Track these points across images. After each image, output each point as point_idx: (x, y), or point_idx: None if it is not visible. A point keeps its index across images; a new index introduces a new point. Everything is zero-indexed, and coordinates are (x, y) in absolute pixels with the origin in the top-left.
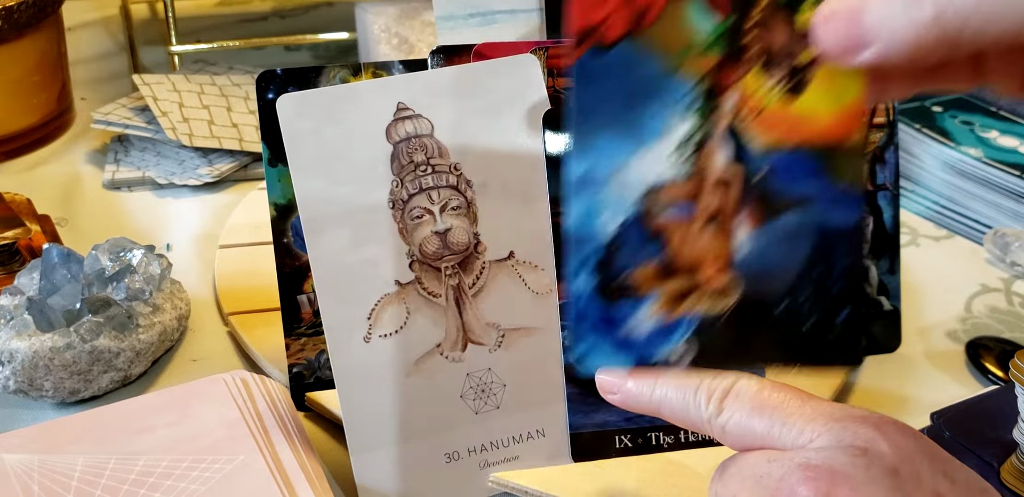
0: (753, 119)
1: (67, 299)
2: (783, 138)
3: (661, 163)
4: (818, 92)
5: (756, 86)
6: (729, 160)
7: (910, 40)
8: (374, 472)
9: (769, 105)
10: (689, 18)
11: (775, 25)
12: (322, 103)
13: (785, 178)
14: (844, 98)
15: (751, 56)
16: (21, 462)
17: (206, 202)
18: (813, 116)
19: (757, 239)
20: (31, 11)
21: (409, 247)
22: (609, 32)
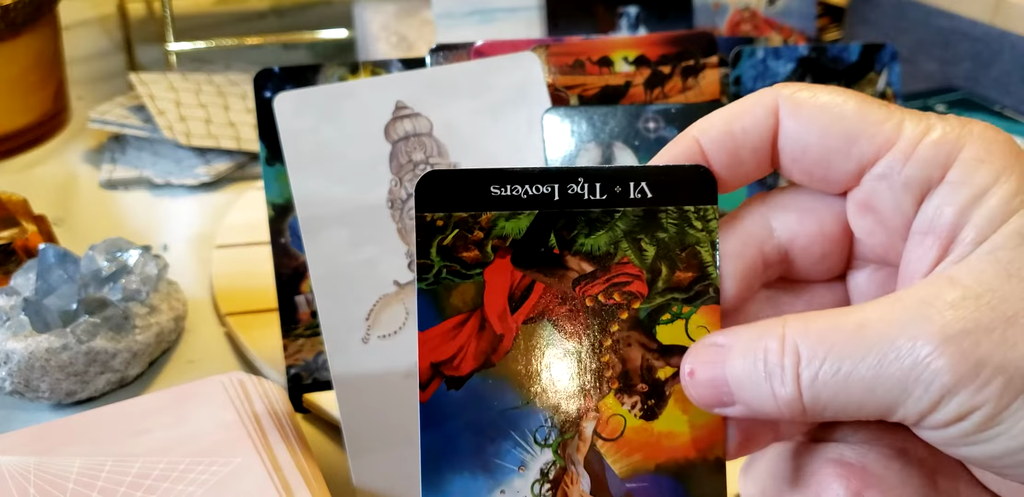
0: (613, 443)
1: (63, 300)
2: (643, 461)
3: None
4: (676, 411)
5: (615, 409)
6: (589, 490)
7: (771, 412)
8: (372, 474)
9: (628, 427)
10: (543, 345)
11: (632, 344)
12: (320, 101)
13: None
14: (704, 416)
15: (609, 378)
16: (17, 464)
17: (203, 202)
18: (672, 435)
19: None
20: (27, 10)
21: (408, 247)
22: (461, 366)
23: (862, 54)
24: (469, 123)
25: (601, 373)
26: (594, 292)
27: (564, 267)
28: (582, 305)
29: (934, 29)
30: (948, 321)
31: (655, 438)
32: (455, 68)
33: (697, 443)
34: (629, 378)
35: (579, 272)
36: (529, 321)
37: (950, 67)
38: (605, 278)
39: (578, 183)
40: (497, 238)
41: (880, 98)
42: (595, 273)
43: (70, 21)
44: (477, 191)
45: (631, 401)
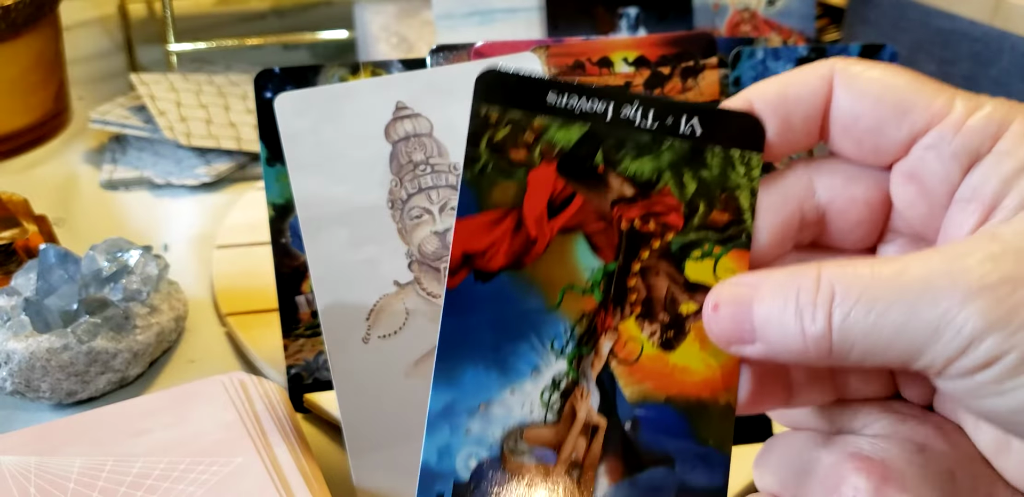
0: (627, 366)
1: (64, 300)
2: (654, 390)
3: (528, 404)
4: (694, 347)
5: (634, 333)
6: (598, 407)
7: (795, 349)
8: (373, 474)
9: (645, 354)
10: (575, 256)
11: (660, 273)
12: (320, 102)
13: (651, 432)
14: (720, 357)
15: (633, 302)
16: (18, 464)
17: (204, 202)
18: (686, 371)
19: (617, 493)
20: (28, 10)
21: (408, 247)
22: (491, 262)
23: (861, 55)
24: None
25: (626, 295)
26: (631, 216)
27: (606, 185)
28: (617, 226)
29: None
30: (987, 271)
31: (669, 370)
32: (455, 69)
33: (710, 384)
34: (652, 306)
35: (619, 194)
36: (564, 231)
37: (949, 67)
38: (644, 204)
39: (633, 106)
40: (546, 144)
41: None
42: (635, 198)
43: (71, 21)
44: (534, 96)
45: (651, 328)
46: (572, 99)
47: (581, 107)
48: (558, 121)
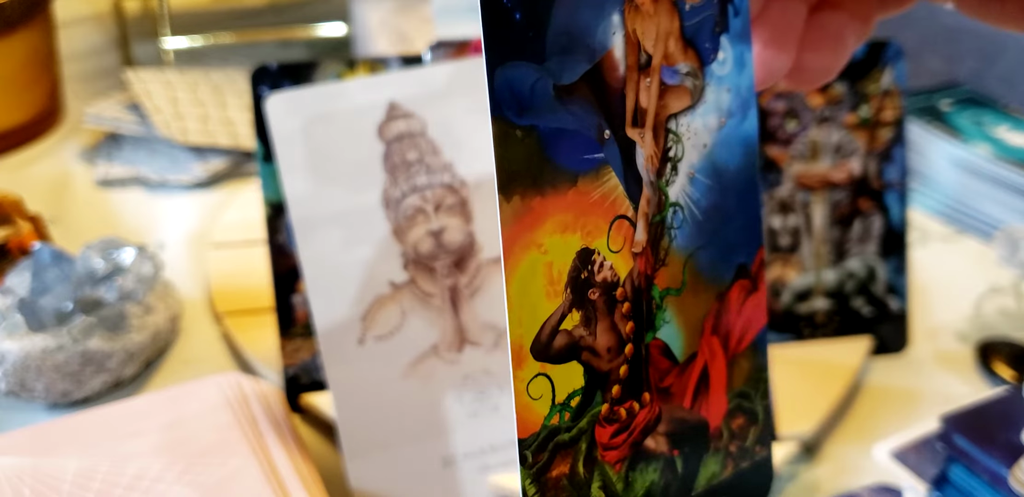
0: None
1: (58, 299)
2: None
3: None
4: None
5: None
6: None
7: None
8: (369, 476)
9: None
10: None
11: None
12: (312, 102)
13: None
14: None
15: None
16: (12, 465)
17: (199, 200)
18: None
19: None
20: (22, 6)
21: (403, 247)
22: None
23: (867, 51)
24: (463, 122)
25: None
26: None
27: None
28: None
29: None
30: None
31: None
32: (448, 67)
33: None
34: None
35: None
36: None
37: (955, 64)
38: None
39: None
40: None
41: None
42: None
43: (65, 18)
44: None
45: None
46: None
47: None
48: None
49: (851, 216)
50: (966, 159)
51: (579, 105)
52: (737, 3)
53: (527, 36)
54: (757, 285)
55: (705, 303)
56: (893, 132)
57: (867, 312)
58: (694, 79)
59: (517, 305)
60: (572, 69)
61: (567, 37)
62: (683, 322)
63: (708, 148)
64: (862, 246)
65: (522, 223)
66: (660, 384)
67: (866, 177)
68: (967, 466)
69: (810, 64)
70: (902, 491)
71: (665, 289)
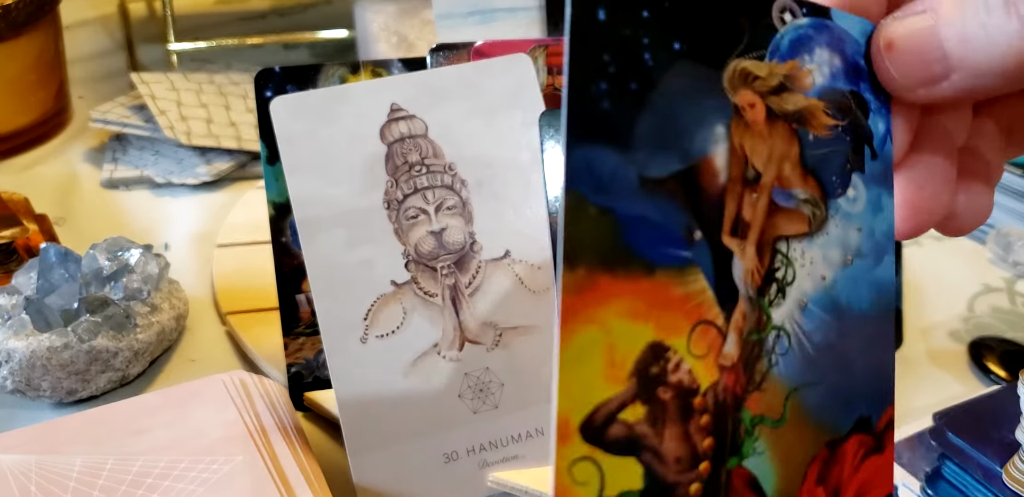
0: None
1: (65, 299)
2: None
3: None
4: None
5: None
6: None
7: (1012, 61)
8: (372, 473)
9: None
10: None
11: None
12: (316, 105)
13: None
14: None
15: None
16: (18, 462)
17: (204, 201)
18: None
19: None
20: (29, 9)
21: (405, 247)
22: None
23: None
24: (464, 124)
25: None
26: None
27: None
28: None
29: None
30: None
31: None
32: (449, 70)
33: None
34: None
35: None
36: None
37: None
38: None
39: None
40: None
41: None
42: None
43: (71, 21)
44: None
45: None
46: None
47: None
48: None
49: None
50: None
51: (666, 200)
52: (877, 146)
53: (613, 126)
54: (883, 446)
55: (810, 447)
56: None
57: None
58: (814, 207)
59: (569, 378)
60: (662, 165)
61: (659, 135)
62: (780, 460)
63: (828, 282)
64: None
65: (584, 295)
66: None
67: None
68: (960, 463)
69: (964, 208)
70: (896, 488)
71: (759, 416)
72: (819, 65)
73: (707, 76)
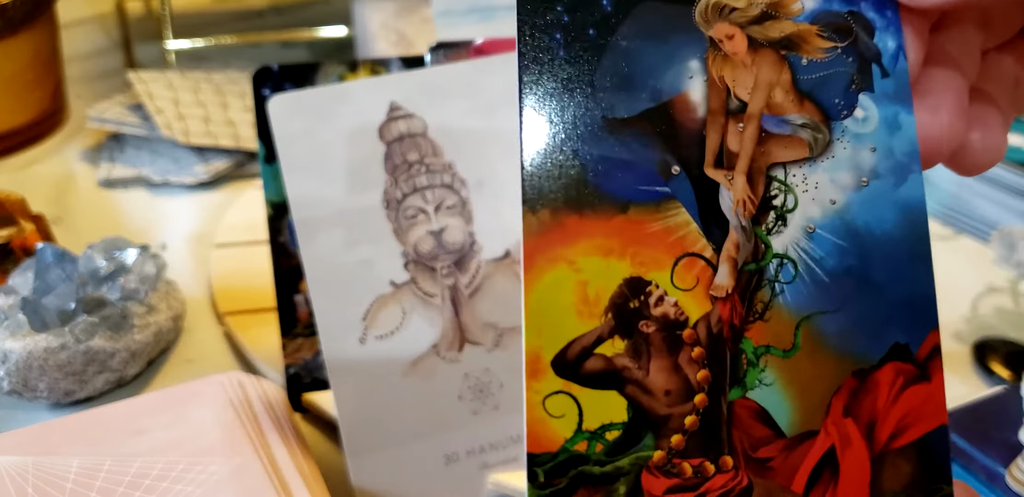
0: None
1: (61, 299)
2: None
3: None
4: None
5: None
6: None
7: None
8: (371, 474)
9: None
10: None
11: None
12: (314, 103)
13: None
14: None
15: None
16: (15, 464)
17: (201, 201)
18: None
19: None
20: (25, 8)
21: (404, 247)
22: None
23: None
24: (463, 123)
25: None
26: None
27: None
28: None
29: None
30: None
31: None
32: (448, 69)
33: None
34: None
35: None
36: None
37: None
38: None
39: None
40: None
41: None
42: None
43: (68, 19)
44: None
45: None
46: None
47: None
48: None
49: None
50: None
51: (636, 139)
52: (887, 64)
53: (571, 73)
54: (928, 375)
55: (833, 377)
56: None
57: None
58: (814, 131)
59: (537, 316)
60: (629, 105)
61: (623, 77)
62: (796, 391)
63: (840, 205)
64: None
65: (549, 237)
66: (752, 453)
67: None
68: (964, 464)
69: (978, 144)
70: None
71: (764, 346)
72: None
73: (676, 14)
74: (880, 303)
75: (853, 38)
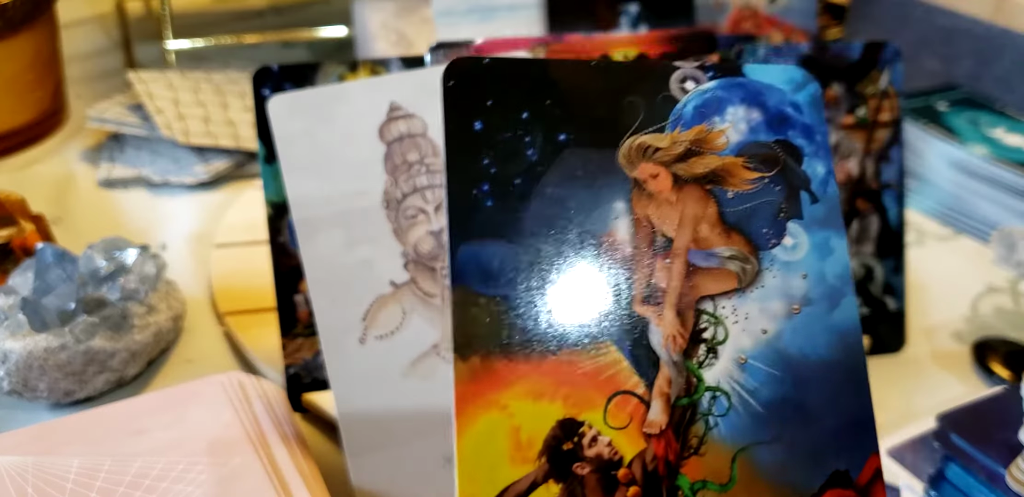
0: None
1: (61, 299)
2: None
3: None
4: None
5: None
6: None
7: None
8: (371, 475)
9: None
10: None
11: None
12: (314, 103)
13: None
14: None
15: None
16: (15, 464)
17: (201, 201)
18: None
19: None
20: (25, 8)
21: (404, 247)
22: None
23: (864, 52)
24: None
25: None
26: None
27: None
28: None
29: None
30: None
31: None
32: None
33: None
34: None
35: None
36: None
37: (952, 65)
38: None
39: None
40: None
41: (881, 96)
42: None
43: (68, 19)
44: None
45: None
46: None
47: None
48: None
49: (849, 216)
50: (963, 160)
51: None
52: (816, 189)
53: (498, 221)
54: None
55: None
56: (890, 133)
57: (864, 312)
58: (743, 262)
59: (470, 463)
60: (557, 249)
61: (549, 222)
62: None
63: (771, 334)
64: (859, 246)
65: (480, 383)
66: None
67: (863, 178)
68: (964, 465)
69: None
70: (899, 489)
71: (699, 481)
72: (734, 123)
73: (600, 158)
74: (817, 431)
75: (781, 167)
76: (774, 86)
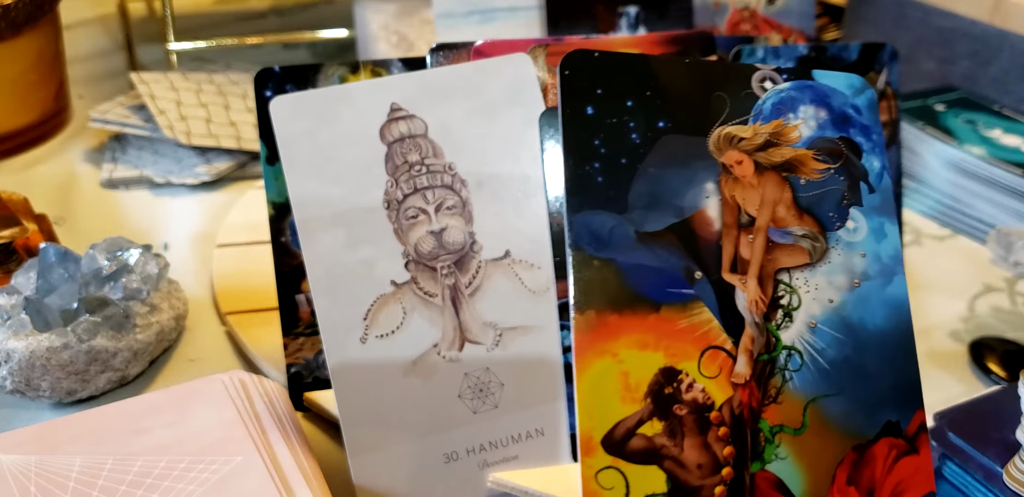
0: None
1: (64, 299)
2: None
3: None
4: None
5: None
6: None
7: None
8: (372, 473)
9: None
10: None
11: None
12: (316, 104)
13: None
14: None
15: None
16: (18, 463)
17: (204, 201)
18: None
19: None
20: (28, 9)
21: (405, 247)
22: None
23: (862, 53)
24: (464, 124)
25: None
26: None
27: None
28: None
29: (933, 28)
30: None
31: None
32: (449, 70)
33: None
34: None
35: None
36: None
37: (949, 66)
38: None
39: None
40: None
41: (879, 97)
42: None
43: (71, 20)
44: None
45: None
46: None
47: None
48: None
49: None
50: (960, 160)
51: (664, 248)
52: (873, 181)
53: (608, 195)
54: (916, 448)
55: (837, 451)
56: (888, 133)
57: None
58: (813, 241)
59: (587, 401)
60: (657, 221)
61: (651, 197)
62: (806, 463)
63: (836, 303)
64: None
65: (595, 333)
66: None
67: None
68: (961, 463)
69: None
70: None
71: (778, 425)
72: (805, 120)
73: (693, 144)
74: (874, 387)
75: (844, 160)
76: (838, 90)
